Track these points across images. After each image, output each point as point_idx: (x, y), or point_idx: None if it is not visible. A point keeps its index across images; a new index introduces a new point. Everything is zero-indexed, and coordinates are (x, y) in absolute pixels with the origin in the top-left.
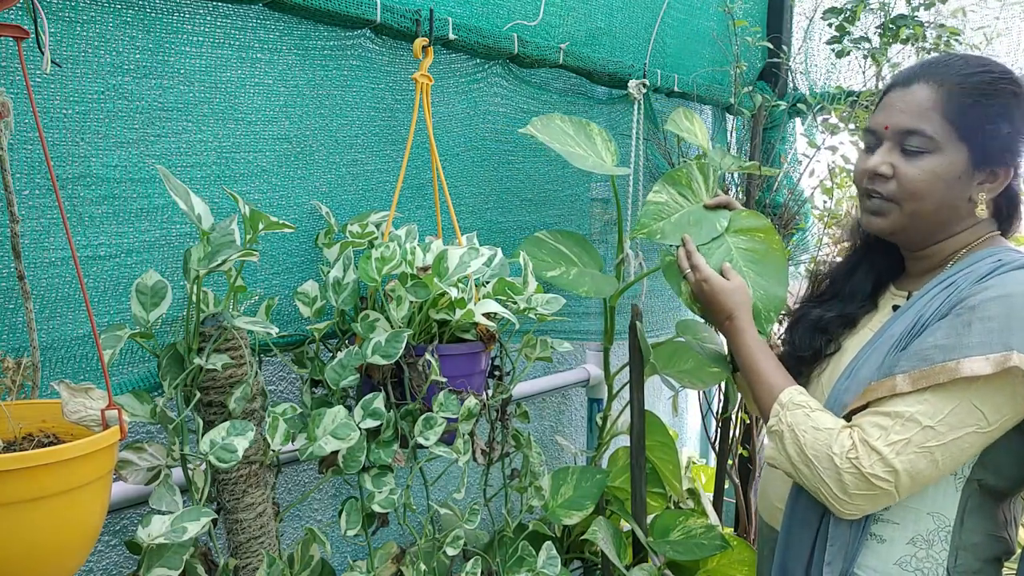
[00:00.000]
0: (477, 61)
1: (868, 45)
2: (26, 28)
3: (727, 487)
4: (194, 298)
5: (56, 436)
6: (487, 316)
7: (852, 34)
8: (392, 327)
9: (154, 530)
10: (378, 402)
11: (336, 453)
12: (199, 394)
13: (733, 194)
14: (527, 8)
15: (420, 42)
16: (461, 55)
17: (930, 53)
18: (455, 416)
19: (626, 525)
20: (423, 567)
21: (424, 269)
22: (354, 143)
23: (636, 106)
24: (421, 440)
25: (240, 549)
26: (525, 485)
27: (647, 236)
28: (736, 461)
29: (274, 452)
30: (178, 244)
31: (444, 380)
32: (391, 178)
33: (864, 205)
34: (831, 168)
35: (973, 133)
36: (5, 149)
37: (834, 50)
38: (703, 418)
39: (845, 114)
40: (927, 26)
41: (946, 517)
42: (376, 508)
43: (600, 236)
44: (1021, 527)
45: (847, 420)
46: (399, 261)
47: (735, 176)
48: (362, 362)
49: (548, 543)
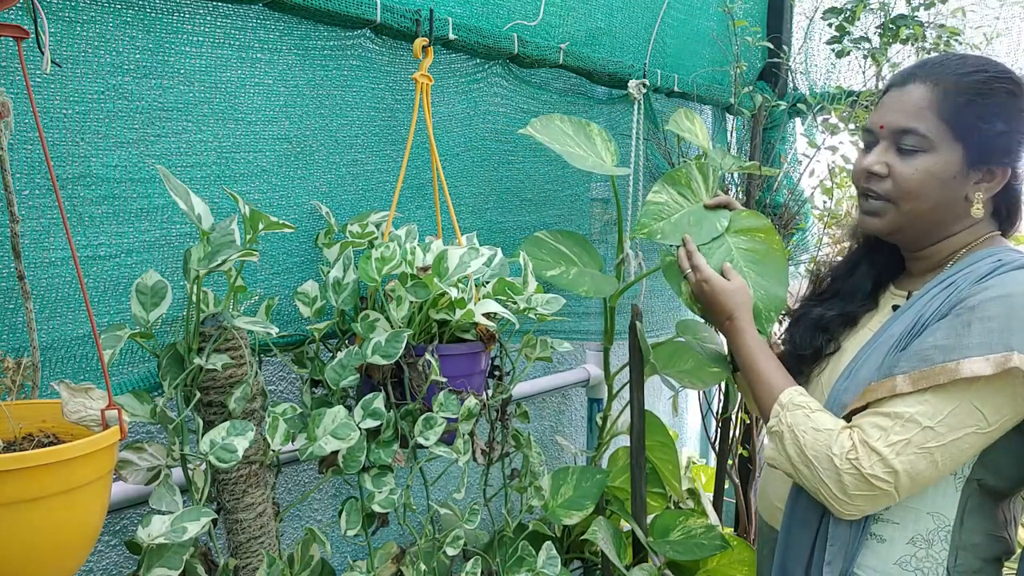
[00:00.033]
0: (477, 61)
1: (868, 45)
2: (26, 28)
3: (727, 487)
4: (194, 298)
5: (56, 436)
6: (487, 316)
7: (852, 34)
8: (392, 327)
9: (154, 530)
10: (378, 402)
11: (336, 453)
12: (199, 394)
13: (733, 194)
14: (527, 8)
15: (420, 42)
16: (461, 55)
17: (930, 53)
18: (455, 416)
19: (626, 525)
20: (423, 567)
21: (424, 269)
22: (354, 143)
23: (636, 106)
24: (421, 440)
25: (240, 549)
26: (525, 485)
27: (647, 236)
28: (736, 461)
29: (274, 452)
30: (178, 244)
31: (444, 380)
32: (391, 178)
33: (862, 206)
34: (831, 168)
35: (968, 132)
36: (5, 149)
37: (834, 50)
38: (703, 418)
39: (845, 114)
40: (927, 26)
41: (946, 517)
42: (376, 508)
43: (600, 236)
44: (1021, 527)
45: (847, 420)
46: (399, 261)
47: (735, 176)
48: (362, 362)
49: (548, 543)
